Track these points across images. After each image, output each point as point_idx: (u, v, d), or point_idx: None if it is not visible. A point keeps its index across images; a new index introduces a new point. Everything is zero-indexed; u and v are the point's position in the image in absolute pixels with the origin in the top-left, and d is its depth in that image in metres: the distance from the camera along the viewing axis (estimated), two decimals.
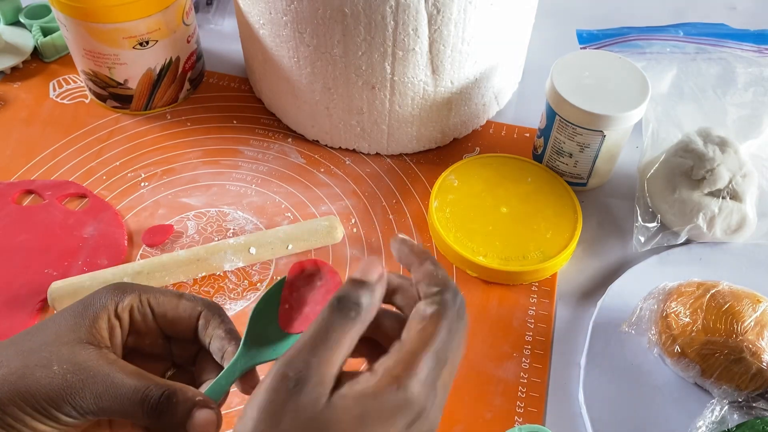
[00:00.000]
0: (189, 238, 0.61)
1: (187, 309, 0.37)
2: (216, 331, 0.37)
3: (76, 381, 0.33)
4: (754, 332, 0.49)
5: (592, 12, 0.85)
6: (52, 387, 0.33)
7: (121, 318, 0.36)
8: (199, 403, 0.34)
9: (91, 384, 0.33)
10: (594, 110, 0.57)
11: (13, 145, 0.68)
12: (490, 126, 0.71)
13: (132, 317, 0.37)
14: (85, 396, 0.33)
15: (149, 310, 0.37)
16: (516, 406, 0.51)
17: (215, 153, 0.68)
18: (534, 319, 0.56)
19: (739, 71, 0.71)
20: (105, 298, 0.36)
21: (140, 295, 0.37)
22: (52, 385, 0.33)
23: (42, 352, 0.34)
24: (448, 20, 0.56)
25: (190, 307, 0.37)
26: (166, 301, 0.37)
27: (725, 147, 0.59)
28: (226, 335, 0.37)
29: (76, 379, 0.33)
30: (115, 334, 0.36)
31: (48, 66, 0.77)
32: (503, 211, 0.61)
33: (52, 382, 0.33)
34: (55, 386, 0.33)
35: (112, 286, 0.37)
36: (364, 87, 0.61)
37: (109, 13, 0.62)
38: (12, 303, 0.55)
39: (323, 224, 0.59)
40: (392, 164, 0.67)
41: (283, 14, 0.59)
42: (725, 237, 0.59)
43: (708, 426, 0.47)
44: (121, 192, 0.64)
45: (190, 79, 0.73)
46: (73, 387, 0.33)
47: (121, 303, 0.36)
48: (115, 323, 0.36)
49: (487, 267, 0.57)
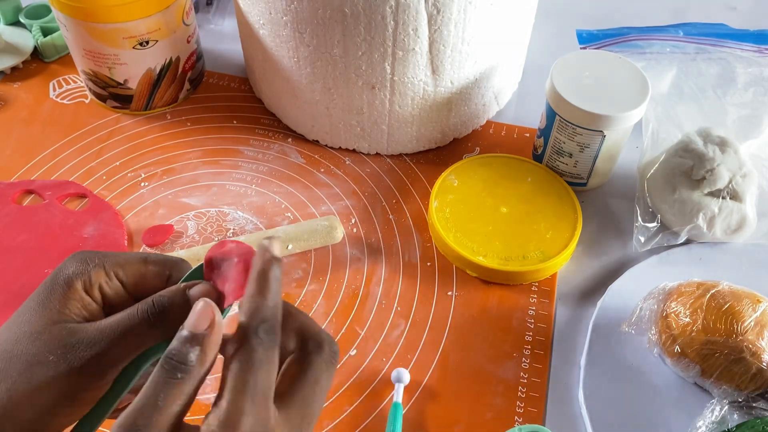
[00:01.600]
0: (189, 238, 0.61)
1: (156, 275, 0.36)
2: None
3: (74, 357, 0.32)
4: (754, 332, 0.49)
5: (592, 12, 0.85)
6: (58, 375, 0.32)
7: (92, 294, 0.35)
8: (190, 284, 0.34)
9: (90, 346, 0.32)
10: (594, 110, 0.57)
11: (13, 145, 0.68)
12: (490, 126, 0.71)
13: (103, 291, 0.35)
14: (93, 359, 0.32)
15: (118, 282, 0.35)
16: (516, 406, 0.51)
17: (215, 153, 0.68)
18: (534, 319, 0.56)
19: (739, 71, 0.71)
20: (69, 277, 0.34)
21: (105, 268, 0.35)
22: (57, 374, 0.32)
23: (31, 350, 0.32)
24: (448, 20, 0.56)
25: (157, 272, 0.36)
26: (133, 270, 0.36)
27: (725, 147, 0.59)
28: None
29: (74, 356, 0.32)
30: (93, 311, 0.35)
31: (48, 66, 0.77)
32: (503, 211, 0.61)
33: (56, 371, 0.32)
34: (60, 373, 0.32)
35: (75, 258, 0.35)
36: (364, 87, 0.61)
37: (109, 13, 0.62)
38: (12, 303, 0.55)
39: (323, 224, 0.59)
40: (392, 164, 0.67)
41: (283, 14, 0.59)
42: (725, 237, 0.59)
43: (708, 426, 0.47)
44: (121, 192, 0.64)
45: (190, 79, 0.73)
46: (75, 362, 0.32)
47: (88, 280, 0.34)
48: (88, 301, 0.34)
49: (487, 267, 0.57)
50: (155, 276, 0.36)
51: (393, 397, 0.50)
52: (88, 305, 0.34)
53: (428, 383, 0.52)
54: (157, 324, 0.33)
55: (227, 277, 0.34)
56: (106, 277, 0.35)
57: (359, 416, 0.50)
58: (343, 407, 0.50)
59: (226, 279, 0.34)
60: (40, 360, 0.32)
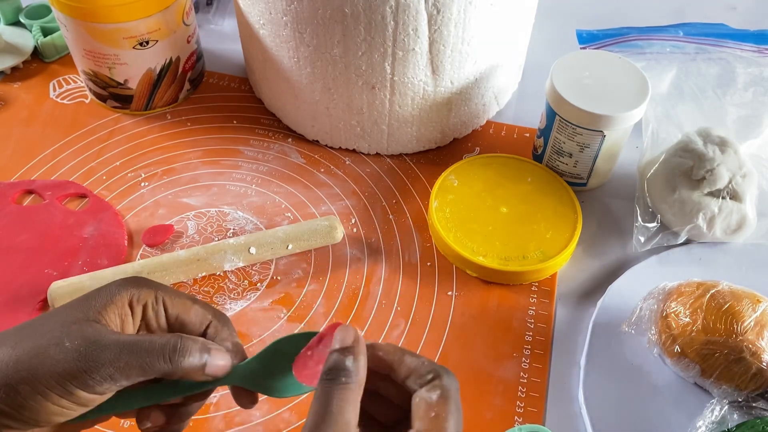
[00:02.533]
0: (189, 238, 0.61)
1: (199, 315, 0.38)
2: (224, 343, 0.38)
3: (89, 352, 0.33)
4: (754, 332, 0.49)
5: (592, 12, 0.85)
6: (67, 361, 0.33)
7: (134, 310, 0.37)
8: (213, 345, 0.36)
9: (107, 351, 0.33)
10: (594, 110, 0.57)
11: (13, 145, 0.68)
12: (490, 126, 0.71)
13: (145, 312, 0.37)
14: (103, 363, 0.33)
15: (163, 308, 0.37)
16: (516, 406, 0.51)
17: (215, 153, 0.68)
18: (534, 319, 0.56)
19: (739, 71, 0.71)
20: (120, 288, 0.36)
21: (156, 292, 0.37)
22: (66, 360, 0.33)
23: (53, 332, 0.34)
24: (448, 20, 0.56)
25: (201, 313, 0.38)
26: (179, 302, 0.38)
27: (725, 147, 0.59)
28: (233, 347, 0.38)
29: (89, 351, 0.33)
30: (127, 323, 0.36)
31: (48, 66, 0.77)
32: (503, 211, 0.61)
33: (66, 357, 0.33)
34: (69, 360, 0.33)
35: (130, 278, 0.37)
36: (364, 87, 0.61)
37: (109, 13, 0.62)
38: (12, 303, 0.55)
39: (323, 224, 0.59)
40: (392, 164, 0.67)
41: (283, 14, 0.59)
42: (725, 237, 0.59)
43: (708, 426, 0.47)
44: (121, 192, 0.64)
45: (190, 79, 0.73)
46: (87, 357, 0.33)
47: (137, 295, 0.36)
48: (128, 313, 0.36)
49: (487, 267, 0.57)
50: (198, 315, 0.38)
51: None
52: (125, 316, 0.36)
53: None
54: (167, 360, 0.34)
55: (322, 358, 0.35)
56: (154, 300, 0.37)
57: None
58: None
59: (321, 360, 0.35)
60: (57, 342, 0.33)
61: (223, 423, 0.49)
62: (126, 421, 0.49)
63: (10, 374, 0.32)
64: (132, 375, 0.34)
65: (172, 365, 0.34)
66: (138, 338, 0.35)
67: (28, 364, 0.33)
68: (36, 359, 0.33)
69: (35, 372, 0.32)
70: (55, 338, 0.34)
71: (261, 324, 0.55)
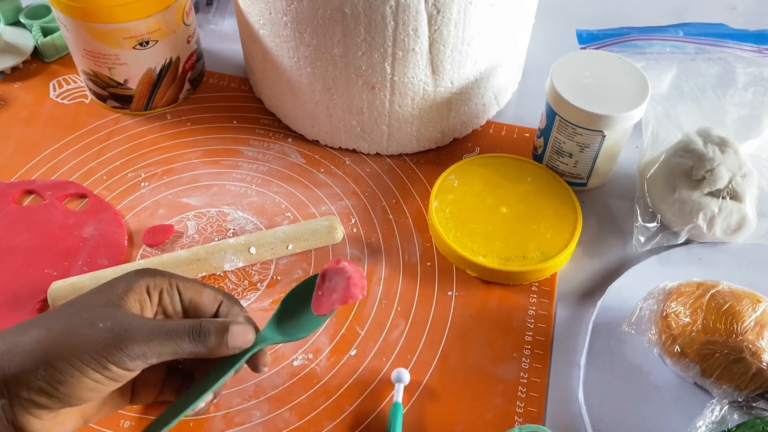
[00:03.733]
0: (189, 238, 0.61)
1: (210, 296, 0.42)
2: (237, 318, 0.42)
3: (122, 332, 0.36)
4: (754, 332, 0.49)
5: (592, 12, 0.85)
6: (102, 339, 0.35)
7: (151, 296, 0.40)
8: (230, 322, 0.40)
9: (138, 331, 0.36)
10: (594, 110, 0.57)
11: (13, 145, 0.68)
12: (490, 126, 0.71)
13: (161, 297, 0.40)
14: (137, 341, 0.36)
15: (177, 293, 0.41)
16: (516, 406, 0.51)
17: (215, 153, 0.68)
18: (534, 319, 0.56)
19: (739, 71, 0.71)
20: (137, 277, 0.40)
21: (170, 279, 0.41)
22: (102, 338, 0.35)
23: (83, 314, 0.37)
24: (448, 20, 0.56)
25: (212, 294, 0.42)
26: (192, 287, 0.41)
27: (725, 147, 0.59)
28: (245, 321, 0.42)
29: (122, 330, 0.36)
30: (146, 308, 0.40)
31: (48, 66, 0.77)
32: (503, 211, 0.61)
33: (100, 335, 0.36)
34: (104, 338, 0.35)
35: (144, 269, 0.41)
36: (364, 87, 0.61)
37: (109, 13, 0.62)
38: (12, 303, 0.55)
39: (323, 224, 0.59)
40: (392, 164, 0.67)
41: (283, 14, 0.59)
42: (725, 237, 0.59)
43: (708, 426, 0.47)
44: (121, 192, 0.64)
45: (190, 79, 0.73)
46: (121, 336, 0.36)
47: (153, 283, 0.40)
48: (146, 299, 0.40)
49: (487, 267, 0.57)
50: (209, 297, 0.42)
51: (393, 397, 0.50)
52: (144, 302, 0.39)
53: (428, 383, 0.52)
54: (194, 342, 0.38)
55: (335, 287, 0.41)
56: (168, 286, 0.41)
57: (359, 416, 0.50)
58: (343, 407, 0.50)
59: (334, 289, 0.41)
60: (89, 324, 0.36)
61: (223, 423, 0.49)
62: (126, 421, 0.49)
63: (49, 352, 0.35)
64: (162, 354, 0.37)
65: (197, 345, 0.38)
66: (165, 322, 0.38)
67: (65, 343, 0.35)
68: (72, 338, 0.35)
69: (73, 349, 0.35)
70: (87, 319, 0.36)
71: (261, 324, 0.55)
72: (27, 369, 0.34)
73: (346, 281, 0.41)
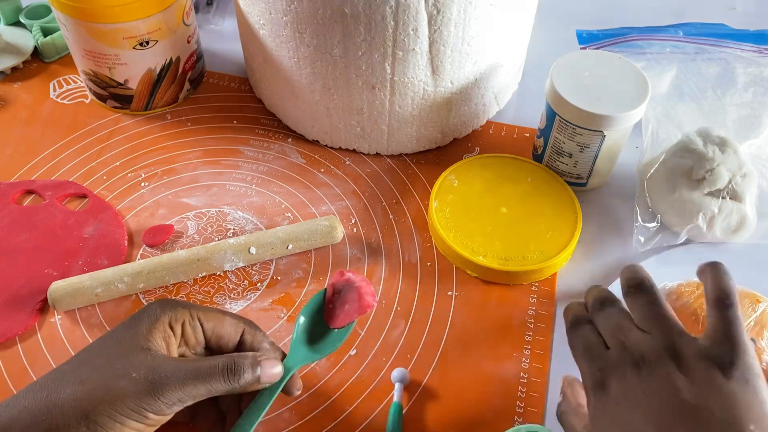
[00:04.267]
0: (189, 238, 0.61)
1: (232, 325, 0.42)
2: (262, 344, 0.43)
3: (157, 379, 0.37)
4: (754, 332, 0.49)
5: (592, 12, 0.85)
6: (138, 390, 0.36)
7: (174, 330, 0.40)
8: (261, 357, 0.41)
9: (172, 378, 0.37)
10: (594, 110, 0.57)
11: (13, 145, 0.68)
12: (490, 126, 0.71)
13: (184, 330, 0.41)
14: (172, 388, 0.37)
15: (199, 324, 0.41)
16: (516, 406, 0.51)
17: (215, 153, 0.68)
18: (534, 319, 0.56)
19: (739, 71, 0.71)
20: (158, 312, 0.40)
21: (190, 310, 0.41)
22: (138, 389, 0.36)
23: (115, 365, 0.37)
24: (448, 20, 0.56)
25: (234, 323, 0.42)
26: (213, 316, 0.42)
27: (725, 147, 0.59)
28: (270, 347, 0.43)
29: (157, 377, 0.37)
30: (171, 344, 0.40)
31: (48, 66, 0.77)
32: (503, 211, 0.61)
33: (136, 387, 0.36)
34: (140, 390, 0.36)
35: (163, 301, 0.41)
36: (364, 87, 0.61)
37: (109, 13, 0.62)
38: (12, 303, 0.55)
39: (323, 224, 0.59)
40: (392, 164, 0.67)
41: (283, 14, 0.59)
42: (725, 237, 0.59)
43: None
44: (122, 192, 0.64)
45: (190, 79, 0.73)
46: (156, 385, 0.36)
47: (174, 316, 0.40)
48: (170, 334, 0.40)
49: (487, 267, 0.57)
50: (231, 326, 0.42)
51: (393, 397, 0.50)
52: (168, 338, 0.40)
53: (428, 383, 0.52)
54: (229, 381, 0.39)
55: (346, 299, 0.42)
56: (190, 317, 0.41)
57: (359, 416, 0.50)
58: (343, 407, 0.50)
59: (346, 301, 0.42)
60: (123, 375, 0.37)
61: None
62: None
63: (87, 408, 0.36)
64: (198, 396, 0.38)
65: (231, 384, 0.39)
66: (197, 363, 0.38)
67: (102, 399, 0.36)
68: (109, 393, 0.36)
69: (112, 404, 0.36)
70: (119, 370, 0.37)
71: (261, 324, 0.55)
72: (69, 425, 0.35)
73: (356, 292, 0.42)
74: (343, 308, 0.42)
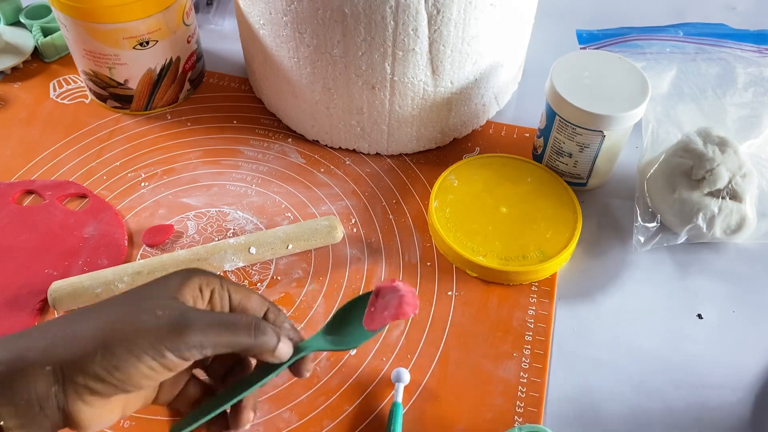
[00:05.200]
0: (189, 238, 0.61)
1: (258, 301, 0.42)
2: (284, 324, 0.42)
3: (181, 320, 0.36)
4: None
5: (592, 12, 0.85)
6: (161, 326, 0.36)
7: (203, 293, 0.40)
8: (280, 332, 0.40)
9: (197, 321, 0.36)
10: (594, 110, 0.57)
11: (13, 145, 0.68)
12: (490, 126, 0.71)
13: (212, 296, 0.40)
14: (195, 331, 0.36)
15: (227, 294, 0.41)
16: (516, 406, 0.51)
17: (215, 153, 0.68)
18: (534, 319, 0.56)
19: (739, 71, 0.71)
20: (190, 273, 0.40)
21: (221, 281, 0.41)
22: (160, 326, 0.36)
23: (142, 303, 0.37)
24: (448, 20, 0.56)
25: (260, 300, 0.42)
26: (241, 290, 0.42)
27: (725, 147, 0.59)
28: (291, 328, 0.43)
29: (181, 318, 0.36)
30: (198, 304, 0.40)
31: (48, 66, 0.77)
32: (503, 211, 0.61)
33: (159, 323, 0.36)
34: (163, 326, 0.36)
35: (194, 268, 0.41)
36: (364, 87, 0.61)
37: (109, 13, 0.62)
38: (12, 303, 0.55)
39: (323, 224, 0.59)
40: (392, 164, 0.67)
41: (283, 14, 0.59)
42: (725, 237, 0.59)
43: None
44: (122, 192, 0.64)
45: (190, 79, 0.73)
46: (180, 324, 0.36)
47: (206, 281, 0.40)
48: (198, 296, 0.39)
49: (487, 267, 0.57)
50: (257, 302, 0.42)
51: (393, 397, 0.50)
52: (197, 298, 0.39)
53: (428, 383, 0.52)
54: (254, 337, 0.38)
55: (387, 305, 0.43)
56: (220, 287, 0.41)
57: (359, 416, 0.50)
58: (343, 407, 0.50)
59: (386, 306, 0.43)
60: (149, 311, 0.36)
61: None
62: (126, 421, 0.49)
63: (108, 338, 0.35)
64: (218, 346, 0.37)
65: (254, 341, 0.38)
66: (223, 314, 0.39)
67: (124, 330, 0.35)
68: (131, 325, 0.35)
69: (132, 335, 0.35)
70: (146, 308, 0.36)
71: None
72: (86, 354, 0.34)
73: (398, 299, 0.42)
74: (382, 313, 0.43)
